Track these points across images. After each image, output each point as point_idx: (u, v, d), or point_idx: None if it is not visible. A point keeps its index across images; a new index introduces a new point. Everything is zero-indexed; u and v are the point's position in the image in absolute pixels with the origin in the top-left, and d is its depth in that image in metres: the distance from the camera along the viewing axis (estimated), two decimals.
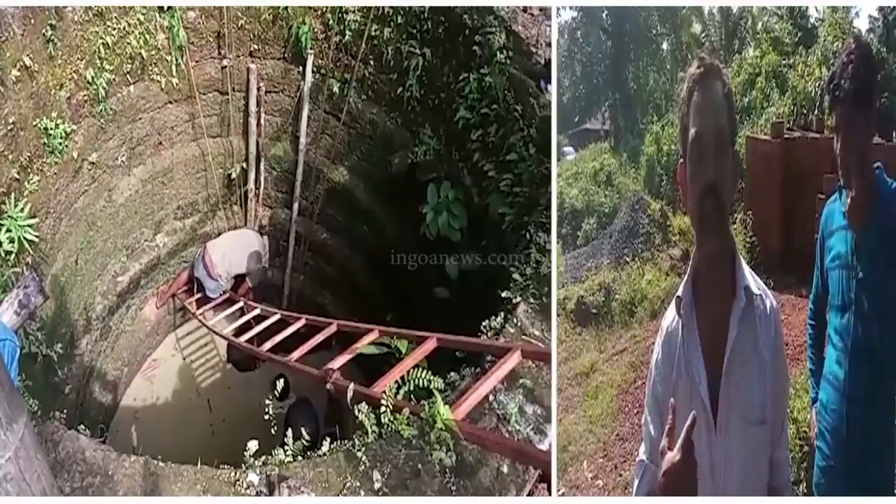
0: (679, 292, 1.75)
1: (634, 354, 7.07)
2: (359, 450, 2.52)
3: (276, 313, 5.59)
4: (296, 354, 4.02)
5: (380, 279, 6.83)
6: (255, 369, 7.82)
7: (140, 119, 5.93)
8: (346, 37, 5.72)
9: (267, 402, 3.03)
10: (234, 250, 6.93)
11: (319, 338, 4.11)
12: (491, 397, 2.69)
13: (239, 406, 7.31)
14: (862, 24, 12.40)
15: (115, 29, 5.17)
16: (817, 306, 2.55)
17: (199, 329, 7.75)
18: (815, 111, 9.92)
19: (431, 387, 2.55)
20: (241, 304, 7.00)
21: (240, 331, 6.24)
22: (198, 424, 7.14)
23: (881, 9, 11.24)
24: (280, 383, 3.04)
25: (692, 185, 1.66)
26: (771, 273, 7.61)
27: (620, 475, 4.96)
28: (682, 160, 1.71)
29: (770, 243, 7.91)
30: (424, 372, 2.65)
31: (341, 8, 5.57)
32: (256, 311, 6.24)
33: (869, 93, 2.13)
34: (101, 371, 6.46)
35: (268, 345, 4.67)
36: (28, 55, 4.34)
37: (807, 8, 12.52)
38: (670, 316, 1.79)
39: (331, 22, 5.72)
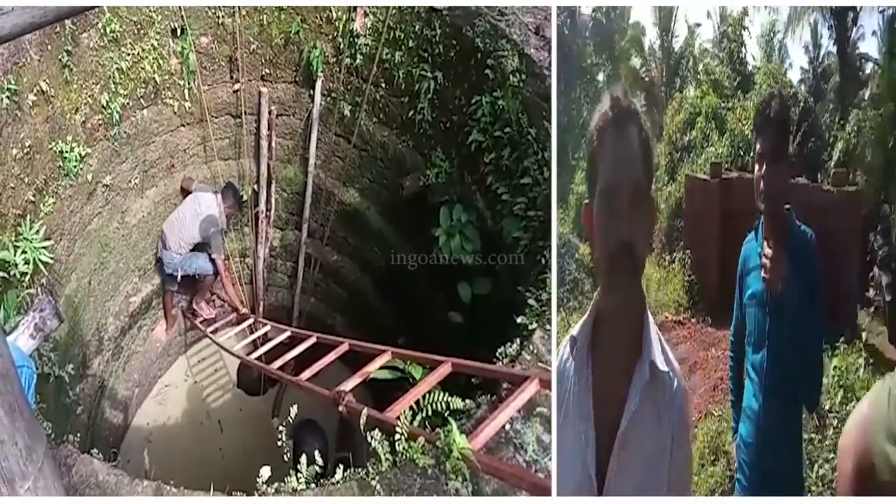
0: (574, 332, 1.56)
1: None
2: (373, 478, 2.49)
3: (286, 330, 5.58)
4: (306, 374, 3.94)
5: (391, 302, 6.81)
6: (264, 394, 7.78)
7: (153, 142, 6.01)
8: (357, 60, 5.78)
9: (280, 427, 3.00)
10: (183, 218, 6.43)
11: (331, 356, 4.06)
12: (507, 426, 2.66)
13: (250, 428, 7.28)
14: (794, 75, 13.25)
15: (129, 54, 5.28)
16: (737, 340, 2.65)
17: (210, 349, 7.73)
18: (752, 153, 10.26)
19: (451, 408, 2.53)
20: (251, 321, 6.97)
21: (250, 349, 6.21)
22: (209, 447, 7.10)
23: (811, 61, 12.11)
24: (294, 409, 3.01)
25: (600, 236, 1.50)
26: (710, 310, 7.84)
27: None
28: (588, 202, 1.54)
29: (707, 281, 8.14)
30: (441, 395, 2.63)
31: (352, 31, 5.63)
32: (267, 329, 6.22)
33: (785, 138, 2.32)
34: (112, 392, 6.45)
35: (278, 363, 4.63)
36: (45, 80, 4.45)
37: (745, 55, 13.19)
38: (563, 354, 1.59)
39: (342, 46, 5.78)
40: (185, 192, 6.61)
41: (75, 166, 4.90)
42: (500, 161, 4.82)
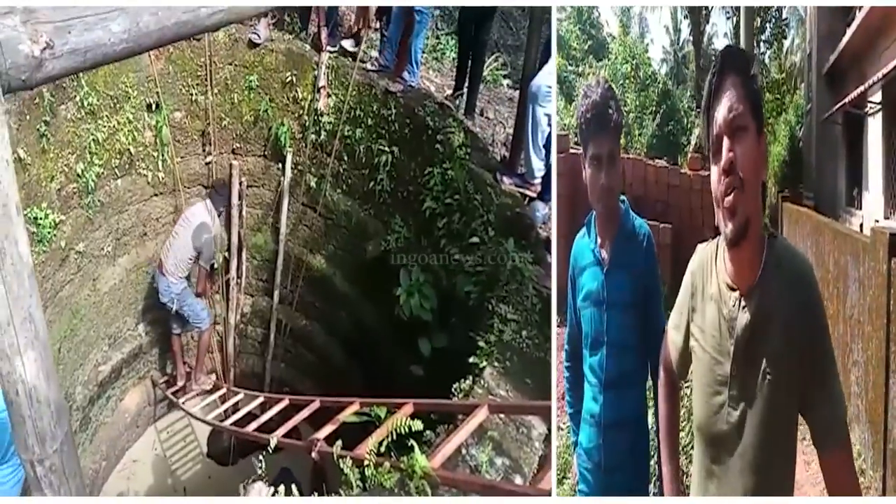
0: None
1: None
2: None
3: (258, 396, 5.76)
4: (281, 431, 4.22)
5: (358, 362, 7.03)
6: (233, 464, 7.73)
7: (126, 211, 6.21)
8: (322, 136, 6.26)
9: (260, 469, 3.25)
10: (177, 236, 6.33)
11: (304, 413, 4.34)
12: (463, 451, 2.99)
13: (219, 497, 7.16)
14: (655, 53, 12.57)
15: (105, 126, 5.52)
16: (572, 346, 2.52)
17: (181, 421, 7.66)
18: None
19: (412, 430, 2.85)
20: (223, 391, 7.06)
21: (223, 417, 6.29)
22: None
23: (672, 44, 11.69)
24: (273, 440, 3.26)
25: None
26: None
27: None
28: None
29: None
30: (404, 419, 2.95)
31: (316, 110, 6.13)
32: (239, 397, 6.34)
33: (618, 139, 2.27)
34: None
35: (253, 425, 4.83)
36: (22, 148, 4.64)
37: (598, 17, 12.65)
38: None
39: (307, 123, 6.26)
40: None
41: (49, 233, 5.00)
42: (452, 225, 5.27)
